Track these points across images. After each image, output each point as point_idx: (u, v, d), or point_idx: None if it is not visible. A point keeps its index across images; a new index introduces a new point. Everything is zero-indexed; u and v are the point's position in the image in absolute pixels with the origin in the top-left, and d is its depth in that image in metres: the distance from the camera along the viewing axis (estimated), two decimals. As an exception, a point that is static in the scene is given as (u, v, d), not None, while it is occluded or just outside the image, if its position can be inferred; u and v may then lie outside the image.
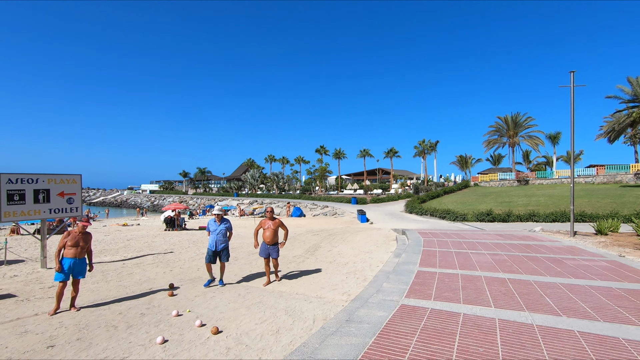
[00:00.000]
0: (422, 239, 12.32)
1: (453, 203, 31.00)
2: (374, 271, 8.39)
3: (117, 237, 17.60)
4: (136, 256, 11.40)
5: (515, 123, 49.09)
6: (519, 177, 41.96)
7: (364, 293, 5.93)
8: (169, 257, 11.23)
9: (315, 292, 6.80)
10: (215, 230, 7.19)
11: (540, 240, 11.78)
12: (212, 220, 7.31)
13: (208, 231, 7.29)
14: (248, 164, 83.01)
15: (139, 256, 11.39)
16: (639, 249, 10.09)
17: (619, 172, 34.83)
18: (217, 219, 7.24)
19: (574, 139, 13.33)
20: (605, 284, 6.06)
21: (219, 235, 7.15)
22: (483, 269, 7.33)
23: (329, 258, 10.64)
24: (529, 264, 7.91)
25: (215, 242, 7.14)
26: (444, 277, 6.67)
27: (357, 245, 12.91)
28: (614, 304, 4.96)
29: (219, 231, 7.16)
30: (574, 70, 12.65)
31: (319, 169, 59.81)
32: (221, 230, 7.18)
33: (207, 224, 7.34)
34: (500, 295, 5.38)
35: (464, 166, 63.56)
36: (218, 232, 7.15)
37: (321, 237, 15.95)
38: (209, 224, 7.33)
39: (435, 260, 8.38)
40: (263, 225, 7.20)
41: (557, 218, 21.48)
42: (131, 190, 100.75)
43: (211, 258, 7.13)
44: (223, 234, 7.20)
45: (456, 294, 5.50)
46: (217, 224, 7.22)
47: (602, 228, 14.28)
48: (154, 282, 7.85)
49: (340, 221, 26.74)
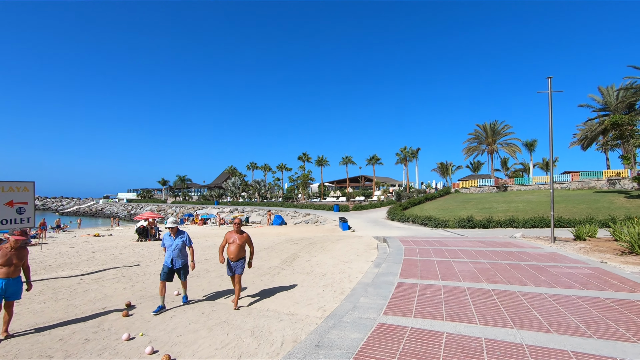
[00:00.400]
0: (404, 247, 11.94)
1: (435, 210, 31.02)
2: (352, 283, 7.90)
3: (83, 249, 16.47)
4: (98, 270, 10.51)
5: (493, 131, 50.10)
6: (498, 183, 42.63)
7: (340, 309, 5.41)
8: (134, 270, 10.40)
9: (288, 308, 6.24)
10: (170, 245, 6.37)
11: (522, 247, 11.59)
12: (166, 235, 6.49)
13: (163, 247, 6.47)
14: (230, 172, 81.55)
15: (101, 270, 10.50)
16: (619, 255, 10.01)
17: (593, 178, 35.81)
18: (171, 233, 6.42)
19: (552, 144, 13.34)
20: (592, 294, 5.76)
21: (176, 251, 6.35)
22: (466, 279, 6.94)
23: (307, 269, 10.09)
24: (513, 272, 7.60)
25: (171, 259, 6.33)
26: (425, 289, 6.23)
27: (337, 255, 12.41)
28: (605, 316, 4.63)
29: (174, 246, 6.36)
30: (551, 76, 12.71)
31: (301, 176, 59.24)
32: (177, 245, 6.38)
33: (162, 239, 6.52)
34: (486, 310, 4.97)
35: (444, 173, 64.33)
36: (174, 248, 6.35)
37: (300, 246, 15.36)
38: (163, 238, 6.49)
39: (417, 271, 7.96)
40: (228, 239, 6.29)
41: (536, 224, 21.69)
42: (107, 199, 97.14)
43: (167, 276, 6.28)
44: (180, 249, 6.41)
45: (439, 309, 5.05)
46: (172, 239, 6.41)
47: (581, 233, 14.31)
48: (110, 300, 7.09)
49: (322, 229, 26.21)
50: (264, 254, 13.20)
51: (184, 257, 6.46)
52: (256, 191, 66.95)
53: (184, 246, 6.48)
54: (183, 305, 6.48)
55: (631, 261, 9.02)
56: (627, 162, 30.61)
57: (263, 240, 18.49)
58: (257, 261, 11.53)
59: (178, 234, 6.46)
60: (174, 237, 6.40)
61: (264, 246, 15.38)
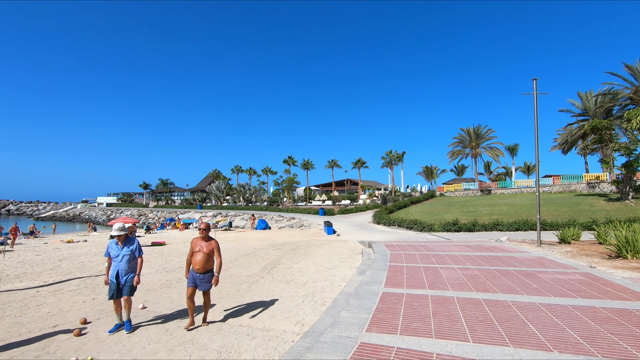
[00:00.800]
0: (389, 252, 11.52)
1: (420, 213, 30.90)
2: (334, 292, 7.39)
3: (51, 256, 15.42)
4: (60, 280, 9.67)
5: (477, 135, 50.75)
6: (482, 187, 43.02)
7: (319, 325, 4.88)
8: (100, 280, 9.61)
9: (264, 322, 5.68)
10: (117, 256, 5.39)
11: (509, 251, 11.33)
12: (112, 243, 5.51)
13: (107, 257, 5.47)
14: (214, 175, 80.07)
15: (64, 280, 9.67)
16: (606, 259, 9.84)
17: (573, 181, 36.45)
18: (118, 241, 5.45)
19: (537, 147, 13.22)
20: (587, 303, 5.41)
21: (123, 262, 5.38)
22: (455, 288, 6.52)
23: (288, 276, 9.53)
24: (503, 279, 7.24)
25: (117, 272, 5.36)
26: (412, 300, 5.77)
27: (320, 261, 11.89)
28: (605, 329, 4.25)
29: (122, 257, 5.39)
30: (536, 78, 12.59)
31: (287, 180, 58.51)
32: (125, 256, 5.40)
33: (107, 248, 5.56)
34: (478, 324, 4.54)
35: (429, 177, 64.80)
36: (121, 259, 5.38)
37: (283, 251, 14.77)
38: (108, 247, 5.50)
39: (403, 278, 7.51)
40: (194, 247, 5.44)
41: (520, 227, 21.73)
42: (86, 204, 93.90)
43: (114, 293, 5.33)
44: (128, 260, 5.42)
45: (427, 323, 4.59)
46: (120, 248, 5.43)
47: (566, 237, 14.25)
48: (65, 315, 6.36)
49: (307, 233, 25.65)
50: (243, 260, 12.56)
51: (132, 270, 5.49)
52: (241, 195, 65.85)
53: (133, 256, 5.52)
54: (146, 323, 5.82)
55: (619, 265, 8.82)
56: (606, 166, 31.24)
57: (245, 245, 17.81)
58: (235, 269, 10.90)
59: (127, 242, 5.52)
60: (121, 246, 5.44)
61: (244, 252, 14.73)
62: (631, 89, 34.70)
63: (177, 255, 14.49)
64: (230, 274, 10.08)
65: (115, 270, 5.38)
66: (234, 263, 11.95)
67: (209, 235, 5.63)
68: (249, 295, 7.51)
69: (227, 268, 10.99)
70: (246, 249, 16.07)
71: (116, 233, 5.41)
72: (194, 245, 5.47)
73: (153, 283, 9.03)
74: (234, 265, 11.46)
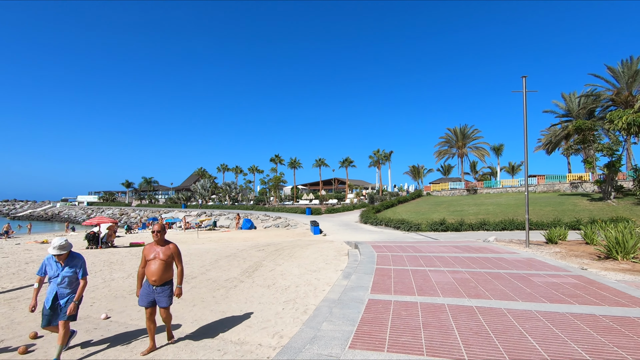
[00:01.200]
0: (376, 253, 11.10)
1: (407, 212, 30.73)
2: (318, 298, 6.90)
3: (17, 259, 14.45)
4: (20, 287, 8.89)
5: (463, 135, 51.10)
6: (468, 186, 43.26)
7: (298, 338, 4.38)
8: (64, 286, 8.86)
9: (238, 334, 5.14)
10: (55, 277, 4.26)
11: (498, 252, 11.06)
12: (49, 258, 4.33)
13: (41, 275, 4.31)
14: (199, 174, 78.65)
15: (24, 287, 8.89)
16: (595, 260, 9.64)
17: (557, 181, 36.95)
18: (59, 260, 4.26)
19: (527, 145, 13.02)
20: (586, 310, 5.07)
21: (63, 285, 4.28)
22: (446, 294, 6.12)
23: (269, 280, 8.98)
24: (495, 283, 6.88)
25: (54, 295, 4.28)
26: (400, 308, 5.32)
27: (305, 263, 11.38)
28: (610, 342, 3.88)
29: (61, 278, 4.26)
30: (525, 76, 12.39)
31: (273, 179, 57.76)
32: (66, 277, 4.27)
33: (42, 264, 4.33)
34: (473, 337, 4.11)
35: (416, 176, 65.07)
36: (61, 280, 4.26)
37: (266, 252, 14.20)
38: (44, 264, 4.33)
39: (390, 283, 7.07)
40: (147, 255, 4.44)
41: (507, 226, 21.71)
42: (65, 202, 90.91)
43: (49, 319, 4.29)
44: (69, 282, 4.32)
45: (417, 337, 4.14)
46: (60, 266, 4.28)
47: (553, 237, 14.14)
48: (16, 328, 5.67)
49: (292, 233, 25.10)
50: (224, 262, 11.94)
51: (72, 292, 4.36)
52: (226, 194, 64.76)
53: (76, 278, 4.38)
54: (105, 336, 5.19)
55: (610, 267, 8.61)
56: (589, 166, 31.68)
57: (227, 246, 17.16)
58: (214, 272, 10.29)
59: (69, 261, 4.35)
60: (62, 265, 4.28)
61: (226, 254, 14.09)
62: (613, 90, 35.35)
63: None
64: (207, 277, 9.48)
65: (53, 292, 4.28)
66: (213, 266, 11.33)
67: (166, 238, 4.68)
68: (225, 302, 6.94)
69: (205, 271, 10.38)
70: (228, 250, 15.43)
71: (55, 252, 4.19)
72: (147, 253, 4.45)
73: (122, 289, 8.36)
74: (213, 268, 10.85)
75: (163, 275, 4.43)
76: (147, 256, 4.46)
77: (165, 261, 4.43)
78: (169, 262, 4.49)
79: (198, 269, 10.85)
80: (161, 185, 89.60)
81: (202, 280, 9.13)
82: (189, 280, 9.11)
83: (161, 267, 4.40)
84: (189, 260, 12.50)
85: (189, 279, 9.28)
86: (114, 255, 15.11)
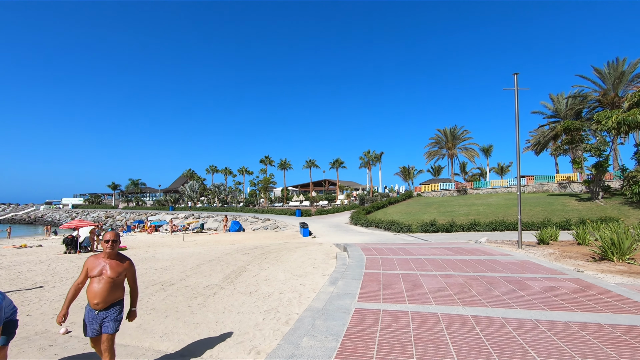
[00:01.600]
0: (365, 256, 10.65)
1: (398, 214, 30.45)
2: (302, 306, 6.41)
3: (-13, 265, 13.60)
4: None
5: (453, 135, 51.23)
6: (458, 187, 43.27)
7: (275, 355, 3.88)
8: (29, 295, 8.19)
9: (211, 350, 4.60)
10: None
11: (491, 254, 10.72)
12: None
13: None
14: (188, 175, 77.34)
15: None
16: (590, 261, 9.36)
17: (545, 182, 37.14)
18: None
19: (519, 144, 12.76)
20: (589, 318, 4.68)
21: None
22: (438, 301, 5.68)
23: (252, 287, 8.45)
24: (490, 288, 6.48)
25: None
26: (390, 319, 4.86)
27: (291, 267, 10.87)
28: (622, 357, 3.48)
29: None
30: (517, 73, 12.13)
31: (263, 180, 57.05)
32: None
33: None
34: (470, 353, 3.67)
35: (407, 177, 65.04)
36: None
37: (252, 256, 13.64)
38: None
39: (379, 289, 6.62)
40: (91, 269, 3.46)
41: (497, 227, 21.58)
42: (49, 205, 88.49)
43: None
44: None
45: (408, 354, 3.68)
46: None
47: (544, 237, 13.95)
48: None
49: (281, 235, 24.55)
50: (206, 267, 11.35)
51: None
52: (216, 196, 63.77)
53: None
54: (60, 355, 4.61)
55: (607, 269, 8.32)
56: (578, 166, 31.88)
57: (213, 249, 16.53)
58: (195, 277, 9.71)
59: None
60: None
61: (209, 258, 13.49)
62: (600, 91, 35.74)
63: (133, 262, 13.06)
64: (187, 284, 8.89)
65: None
66: (194, 271, 10.73)
67: (119, 252, 3.72)
68: (201, 313, 6.39)
69: (185, 277, 9.79)
70: (213, 253, 14.82)
71: None
72: (90, 266, 3.47)
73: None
74: (194, 274, 10.26)
75: (109, 296, 3.44)
76: (90, 271, 3.46)
77: (113, 280, 3.45)
78: (118, 282, 3.52)
79: (178, 274, 10.24)
80: (149, 187, 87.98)
81: (180, 287, 8.55)
82: (165, 288, 8.52)
83: (107, 287, 3.41)
84: (169, 266, 11.88)
85: (166, 286, 8.69)
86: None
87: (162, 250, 17.06)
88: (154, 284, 9.06)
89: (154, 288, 8.55)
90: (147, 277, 9.97)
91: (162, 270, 11.11)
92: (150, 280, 9.47)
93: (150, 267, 11.69)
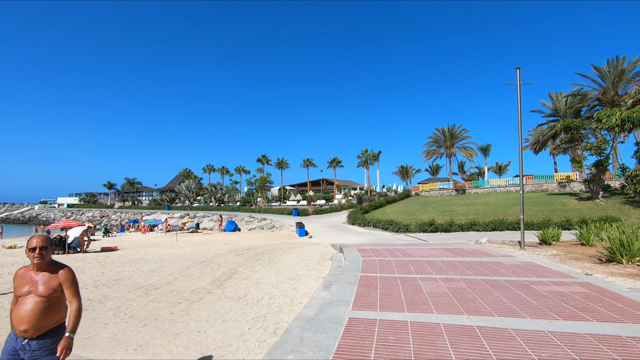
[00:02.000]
0: (362, 258, 10.18)
1: (396, 213, 30.01)
2: (293, 313, 5.93)
3: (-31, 267, 13.04)
4: (-51, 302, 7.64)
5: (451, 134, 50.83)
6: (457, 186, 42.88)
7: (256, 376, 3.40)
8: (1, 301, 7.67)
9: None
10: None
11: (493, 256, 10.28)
12: None
13: None
14: (184, 175, 76.72)
15: (-45, 302, 7.65)
16: (597, 263, 8.92)
17: (544, 181, 36.80)
18: None
19: (521, 140, 12.33)
20: (608, 330, 4.22)
21: None
22: (440, 309, 5.21)
23: (241, 291, 7.96)
24: (495, 294, 6.02)
25: None
26: (387, 330, 4.39)
27: (285, 269, 10.39)
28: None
29: None
30: (519, 67, 11.69)
31: (260, 179, 56.47)
32: None
33: None
34: (479, 374, 3.20)
35: (405, 176, 64.65)
36: None
37: (245, 257, 13.15)
38: None
39: (376, 295, 6.14)
40: (17, 287, 2.63)
41: (497, 227, 21.16)
42: (44, 205, 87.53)
43: None
44: None
45: (408, 375, 3.20)
46: None
47: (547, 238, 13.58)
48: None
49: (277, 235, 24.04)
50: (196, 269, 10.85)
51: None
52: (212, 195, 63.14)
53: None
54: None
55: (616, 272, 7.88)
56: (578, 165, 31.52)
57: (205, 250, 16.02)
58: (182, 281, 9.21)
59: None
60: None
61: (200, 259, 12.99)
62: (599, 90, 35.40)
63: (120, 264, 12.56)
64: (172, 288, 8.39)
65: None
66: (183, 274, 10.23)
67: (55, 259, 2.83)
68: (182, 321, 5.89)
69: (172, 280, 9.30)
70: (204, 255, 14.32)
71: None
72: (19, 284, 2.64)
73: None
74: (182, 277, 9.76)
75: (42, 321, 2.56)
76: (17, 289, 2.63)
77: (47, 298, 2.58)
78: (54, 300, 2.63)
79: (165, 277, 9.74)
80: (145, 186, 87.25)
81: (165, 291, 8.05)
82: (149, 292, 8.02)
83: (39, 309, 2.55)
84: (157, 268, 11.38)
85: (150, 291, 8.19)
86: (78, 262, 13.83)
87: (153, 251, 16.53)
88: (138, 287, 8.56)
89: (136, 292, 8.04)
90: (132, 281, 9.45)
91: (149, 272, 10.61)
92: (134, 284, 8.96)
93: (137, 270, 11.18)
